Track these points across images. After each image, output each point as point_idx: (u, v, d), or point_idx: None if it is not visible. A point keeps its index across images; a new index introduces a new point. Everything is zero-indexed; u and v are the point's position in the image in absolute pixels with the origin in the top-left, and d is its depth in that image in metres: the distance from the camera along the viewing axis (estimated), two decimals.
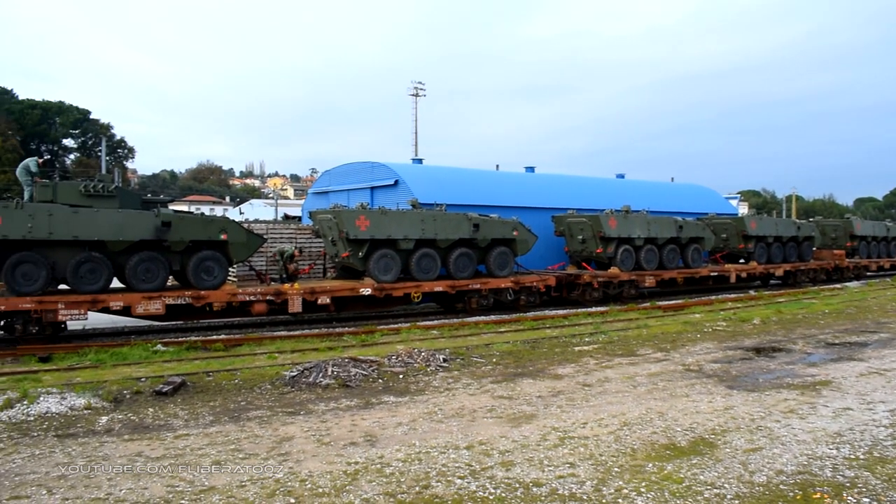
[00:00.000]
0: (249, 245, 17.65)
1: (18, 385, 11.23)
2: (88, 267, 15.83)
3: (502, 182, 31.63)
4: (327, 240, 20.97)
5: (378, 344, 15.64)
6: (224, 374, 12.21)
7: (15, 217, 15.04)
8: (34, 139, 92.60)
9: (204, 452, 8.03)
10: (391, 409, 10.02)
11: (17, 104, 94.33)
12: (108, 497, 6.70)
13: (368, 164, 29.86)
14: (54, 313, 15.36)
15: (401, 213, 20.20)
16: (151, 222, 16.23)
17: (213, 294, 16.91)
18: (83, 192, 15.94)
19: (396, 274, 19.92)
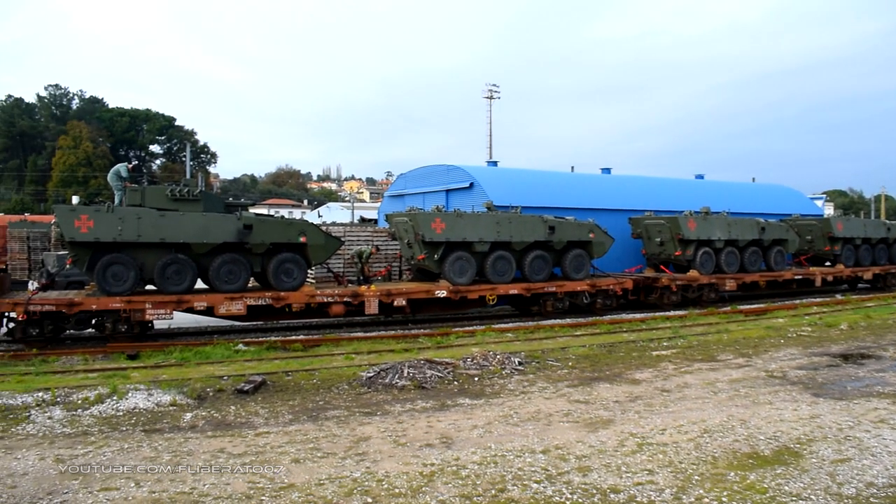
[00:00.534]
0: (327, 247, 17.96)
1: (108, 381, 11.70)
2: (174, 268, 16.39)
3: (578, 184, 31.34)
4: (403, 242, 21.17)
5: (453, 346, 15.69)
6: (303, 374, 12.46)
7: (106, 220, 15.71)
8: (123, 145, 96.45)
9: (283, 450, 8.21)
10: (466, 412, 10.05)
11: (107, 112, 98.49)
12: (193, 491, 6.92)
13: (443, 166, 30.01)
14: (142, 313, 15.97)
15: (476, 216, 20.23)
16: (234, 225, 16.69)
17: (292, 295, 17.27)
18: (170, 197, 16.51)
19: (471, 276, 19.95)
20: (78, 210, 15.81)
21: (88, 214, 15.64)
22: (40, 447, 8.49)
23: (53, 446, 8.53)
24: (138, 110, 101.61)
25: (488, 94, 73.11)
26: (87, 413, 10.01)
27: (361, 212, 64.90)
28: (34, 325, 15.73)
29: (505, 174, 30.46)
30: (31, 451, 8.29)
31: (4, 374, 12.76)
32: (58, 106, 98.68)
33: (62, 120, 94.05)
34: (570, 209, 25.07)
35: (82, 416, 9.91)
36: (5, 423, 9.60)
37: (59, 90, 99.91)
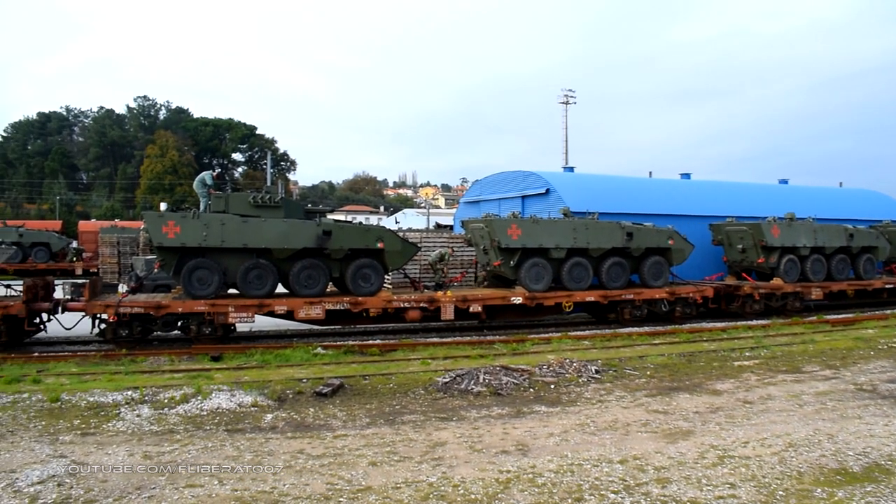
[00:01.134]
0: (404, 253, 18.12)
1: (193, 381, 12.06)
2: (256, 273, 16.81)
3: (656, 189, 30.80)
4: (479, 248, 21.19)
5: (529, 353, 15.61)
6: (379, 378, 12.58)
7: (192, 226, 16.24)
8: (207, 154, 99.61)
9: (361, 453, 8.31)
10: (543, 419, 9.98)
11: (191, 122, 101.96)
12: (273, 490, 7.07)
13: (520, 173, 29.94)
14: (225, 316, 16.42)
15: (552, 222, 20.10)
16: (313, 231, 17.01)
17: (369, 300, 17.49)
18: (252, 203, 16.95)
19: (548, 283, 19.82)
20: (166, 216, 16.40)
21: (175, 220, 16.20)
22: (129, 444, 8.82)
23: (141, 443, 8.84)
24: (221, 120, 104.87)
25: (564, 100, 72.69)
26: (172, 412, 10.35)
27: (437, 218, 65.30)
28: (124, 326, 16.35)
29: (581, 180, 30.20)
30: (121, 448, 8.61)
31: (96, 372, 13.32)
32: (146, 116, 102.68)
33: (150, 130, 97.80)
34: (649, 215, 24.66)
35: (168, 414, 10.25)
36: (97, 419, 10.01)
37: (148, 101, 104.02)
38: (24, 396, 11.13)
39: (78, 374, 13.14)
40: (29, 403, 10.79)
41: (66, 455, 8.30)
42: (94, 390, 11.44)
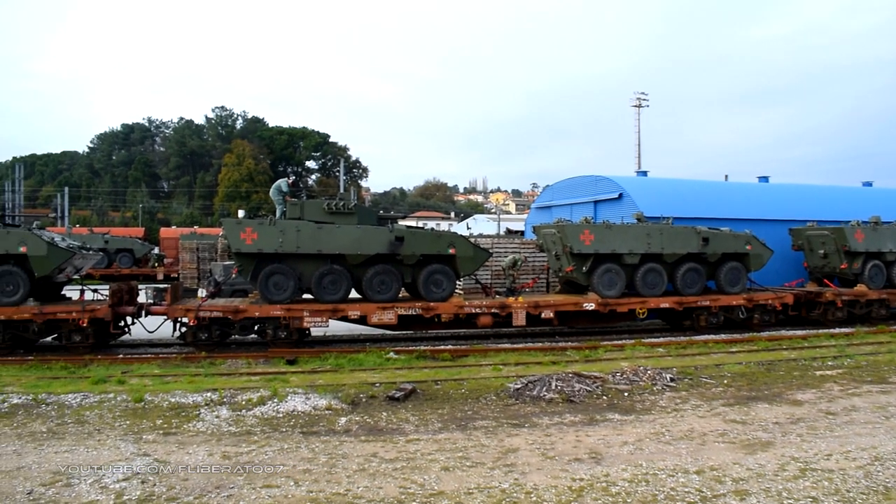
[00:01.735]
0: (476, 259, 18.13)
1: (269, 384, 12.34)
2: (330, 279, 17.08)
3: (733, 193, 30.03)
4: (551, 254, 21.04)
5: (602, 360, 15.43)
6: (451, 384, 12.63)
7: (268, 233, 16.61)
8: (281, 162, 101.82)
9: (433, 458, 8.35)
10: (616, 427, 9.86)
11: (267, 131, 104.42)
12: (347, 493, 7.17)
13: (591, 177, 29.62)
14: (300, 320, 16.72)
15: (625, 227, 19.82)
16: (386, 237, 17.19)
17: (441, 306, 17.55)
18: (326, 210, 17.23)
19: (621, 289, 19.54)
20: (243, 223, 16.82)
21: (252, 227, 16.60)
22: (209, 444, 9.08)
23: (220, 443, 9.09)
24: (295, 128, 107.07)
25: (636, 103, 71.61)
26: (250, 413, 10.60)
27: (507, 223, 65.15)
28: (203, 329, 16.82)
29: (655, 184, 29.68)
30: (201, 447, 8.87)
31: (177, 374, 13.75)
32: (223, 126, 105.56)
33: (227, 139, 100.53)
34: (725, 220, 24.05)
35: (246, 416, 10.50)
36: (178, 419, 10.34)
37: (225, 112, 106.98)
38: (109, 396, 11.57)
39: (160, 376, 13.59)
40: (114, 403, 11.22)
41: (149, 454, 8.59)
42: (175, 391, 11.82)
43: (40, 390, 11.97)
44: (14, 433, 9.68)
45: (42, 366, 14.94)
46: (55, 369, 14.63)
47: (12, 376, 13.69)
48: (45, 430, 9.83)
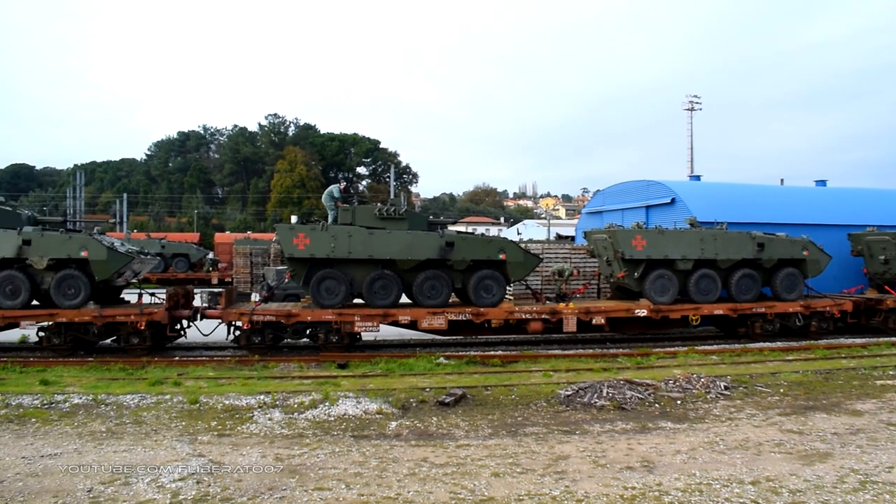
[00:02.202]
0: (526, 265, 18.08)
1: (321, 388, 12.48)
2: (381, 284, 17.20)
3: (789, 197, 29.44)
4: (602, 260, 20.87)
5: (654, 367, 15.24)
6: (501, 389, 12.60)
7: (320, 238, 16.81)
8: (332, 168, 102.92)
9: (483, 463, 8.35)
10: (669, 436, 9.72)
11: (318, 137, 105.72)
12: (398, 497, 7.21)
13: (643, 182, 29.34)
14: (351, 325, 16.88)
15: (678, 233, 19.55)
16: (437, 242, 17.25)
17: (491, 311, 17.53)
18: (378, 215, 17.37)
19: (673, 295, 19.27)
20: (296, 229, 17.05)
21: (305, 232, 16.82)
22: (262, 446, 9.21)
23: (273, 445, 9.22)
24: (346, 135, 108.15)
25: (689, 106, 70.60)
26: (302, 416, 10.73)
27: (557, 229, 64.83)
28: (257, 333, 17.08)
29: (708, 189, 29.27)
30: (254, 449, 9.01)
31: (231, 377, 13.99)
32: (276, 133, 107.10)
33: (280, 146, 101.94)
34: (781, 225, 23.59)
35: (298, 419, 10.63)
36: (232, 421, 10.51)
37: (277, 119, 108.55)
38: (166, 398, 11.83)
39: (214, 378, 13.84)
40: (171, 404, 11.46)
41: (204, 454, 8.76)
42: (229, 394, 12.03)
43: (100, 391, 12.29)
44: (75, 432, 9.96)
45: (102, 367, 15.34)
46: (114, 371, 15.01)
47: (73, 377, 14.09)
48: (104, 430, 10.09)
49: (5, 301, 16.35)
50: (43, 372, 14.51)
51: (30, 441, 9.50)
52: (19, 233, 16.30)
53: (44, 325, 16.81)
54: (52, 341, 16.81)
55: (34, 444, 9.36)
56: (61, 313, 16.37)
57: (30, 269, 16.49)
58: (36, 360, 16.01)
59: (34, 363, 15.65)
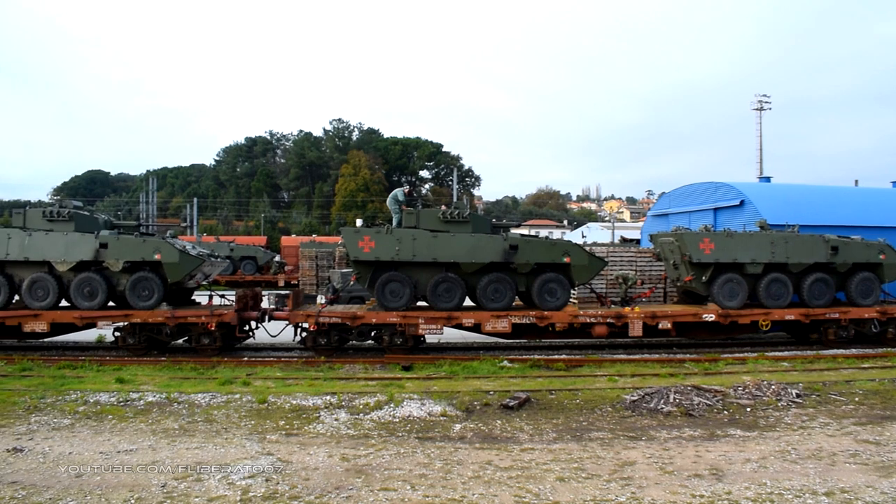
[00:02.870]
0: (591, 268, 17.91)
1: (386, 389, 12.60)
2: (445, 286, 17.27)
3: (864, 199, 28.42)
4: (668, 263, 20.54)
5: (722, 373, 14.93)
6: (566, 394, 12.52)
7: (385, 241, 16.98)
8: (395, 171, 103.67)
9: (548, 467, 8.32)
10: (738, 444, 9.52)
11: (382, 141, 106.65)
12: (463, 499, 7.24)
13: (711, 184, 28.74)
14: (415, 327, 17.00)
15: (748, 236, 19.10)
16: (500, 245, 17.24)
17: (555, 315, 17.43)
18: (442, 219, 17.45)
19: (742, 300, 18.83)
20: (361, 232, 17.26)
21: (370, 236, 17.01)
22: (328, 445, 9.36)
23: (339, 446, 9.36)
24: (409, 139, 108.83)
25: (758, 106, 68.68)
26: (367, 417, 10.86)
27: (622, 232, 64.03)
28: (323, 335, 17.33)
29: (779, 190, 28.51)
30: (321, 449, 9.16)
31: (298, 377, 14.24)
32: (340, 138, 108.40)
33: (344, 150, 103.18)
34: (856, 228, 22.80)
35: (363, 420, 10.76)
36: (299, 421, 10.71)
37: (342, 124, 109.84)
38: (235, 397, 12.11)
39: (282, 379, 14.11)
40: (240, 404, 11.73)
41: (272, 453, 8.95)
42: (296, 394, 12.25)
43: (172, 389, 12.66)
44: (149, 429, 10.28)
45: (174, 366, 15.79)
46: (185, 370, 15.44)
47: (147, 376, 14.55)
48: (177, 427, 10.39)
49: (83, 302, 16.98)
50: (119, 370, 15.02)
51: (107, 437, 9.85)
52: (97, 236, 16.92)
53: (119, 326, 17.40)
54: (127, 341, 17.39)
55: (111, 439, 9.70)
56: (136, 314, 16.92)
57: (106, 272, 17.10)
58: (112, 359, 16.60)
59: (110, 362, 16.22)
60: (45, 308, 17.00)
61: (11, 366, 15.51)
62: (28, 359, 16.17)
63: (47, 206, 19.05)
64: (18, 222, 17.39)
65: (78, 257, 16.83)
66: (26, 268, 17.21)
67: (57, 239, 16.92)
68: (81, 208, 18.25)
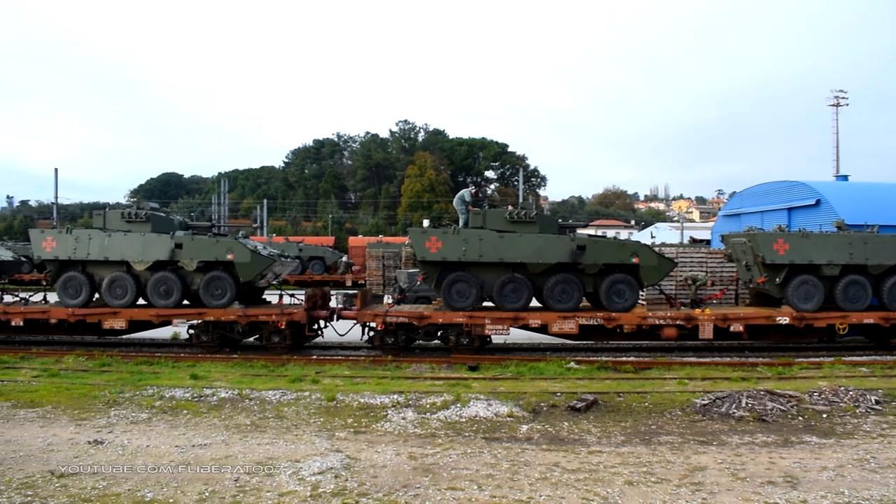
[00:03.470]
0: (661, 269, 17.64)
1: (452, 389, 12.66)
2: (511, 287, 17.24)
3: None
4: (740, 264, 20.07)
5: (796, 378, 14.51)
6: (634, 396, 12.37)
7: (452, 241, 17.05)
8: (461, 172, 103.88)
9: (616, 471, 8.23)
10: (814, 451, 9.25)
11: (447, 142, 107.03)
12: (530, 500, 7.23)
13: (785, 183, 27.97)
14: (482, 327, 17.01)
15: (824, 236, 18.52)
16: (567, 246, 17.12)
17: (623, 316, 17.22)
18: (508, 219, 17.43)
19: (818, 302, 18.26)
20: (428, 232, 17.37)
21: (437, 236, 17.10)
22: (396, 444, 9.46)
23: (407, 444, 9.44)
24: (475, 139, 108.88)
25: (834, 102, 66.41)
26: (434, 417, 10.93)
27: (691, 232, 62.86)
28: (390, 334, 17.51)
29: (857, 189, 27.55)
30: (389, 447, 9.26)
31: (366, 376, 14.42)
32: (406, 139, 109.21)
33: (410, 151, 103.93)
34: None
35: (430, 419, 10.83)
36: (367, 419, 10.84)
37: (408, 125, 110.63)
38: (305, 394, 12.34)
39: (350, 377, 14.32)
40: (310, 401, 11.95)
41: (341, 450, 9.09)
42: (364, 392, 12.41)
43: (244, 386, 12.98)
44: (222, 424, 10.56)
45: (245, 364, 16.19)
46: (256, 367, 15.80)
47: (220, 372, 14.94)
48: (248, 423, 10.65)
49: (159, 300, 17.55)
50: (193, 367, 15.47)
51: (182, 431, 10.16)
52: (172, 237, 17.47)
53: (193, 323, 17.92)
54: (200, 338, 17.89)
55: (186, 434, 10.00)
56: (209, 312, 17.40)
57: (181, 271, 17.63)
58: (186, 356, 17.12)
59: (185, 358, 16.73)
60: (124, 306, 17.65)
61: (92, 361, 16.15)
62: (107, 355, 16.79)
63: (125, 207, 19.74)
64: (99, 223, 18.09)
65: (154, 257, 17.41)
66: (106, 267, 17.89)
67: (135, 239, 17.53)
68: (158, 210, 18.86)
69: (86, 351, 17.41)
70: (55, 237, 17.81)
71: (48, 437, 9.76)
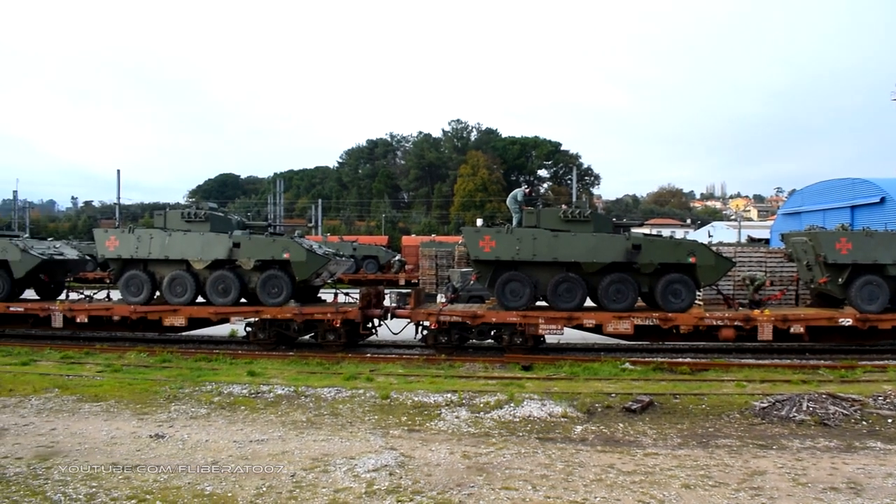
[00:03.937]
0: (718, 268, 17.33)
1: (506, 389, 12.64)
2: (565, 286, 17.14)
3: None
4: (801, 264, 19.60)
5: (860, 381, 14.10)
6: (690, 398, 12.17)
7: (505, 241, 17.02)
8: (513, 171, 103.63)
9: (673, 474, 8.12)
10: (879, 457, 8.99)
11: (500, 141, 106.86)
12: (585, 502, 7.19)
13: (847, 180, 27.27)
14: (535, 327, 16.94)
15: (889, 235, 17.95)
16: (622, 245, 16.95)
17: (680, 317, 16.96)
18: (562, 218, 17.33)
19: (883, 303, 17.72)
20: (482, 231, 17.38)
21: (491, 235, 17.09)
22: (450, 443, 9.48)
23: (461, 443, 9.46)
24: (527, 138, 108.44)
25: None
26: (487, 416, 10.93)
27: (749, 231, 61.64)
28: (443, 333, 17.56)
29: None
30: (443, 446, 9.29)
31: (419, 375, 14.49)
32: (458, 138, 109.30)
33: (462, 151, 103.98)
34: None
35: (484, 418, 10.84)
36: (421, 417, 10.90)
37: (460, 124, 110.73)
38: (359, 392, 12.46)
39: (404, 375, 14.40)
40: (364, 399, 12.06)
41: (395, 448, 9.15)
42: (417, 391, 12.48)
43: (300, 383, 13.17)
44: (279, 421, 10.74)
45: (301, 361, 16.42)
46: (312, 365, 16.02)
47: (276, 370, 15.19)
48: (304, 420, 10.80)
49: (218, 298, 17.92)
50: (250, 364, 15.74)
51: (240, 427, 10.36)
52: (230, 236, 17.82)
53: (251, 321, 18.25)
54: (257, 336, 18.21)
55: (243, 429, 10.19)
56: (266, 310, 17.71)
57: (239, 270, 17.98)
58: (244, 353, 17.44)
59: (242, 355, 17.04)
60: (184, 303, 18.09)
61: (153, 357, 16.58)
62: (168, 351, 17.22)
63: (185, 207, 20.21)
64: (159, 223, 18.56)
65: (213, 256, 17.79)
66: (166, 266, 18.35)
67: (194, 239, 17.93)
68: (216, 210, 19.26)
69: (147, 347, 17.88)
70: (118, 236, 18.33)
71: (111, 431, 10.06)
